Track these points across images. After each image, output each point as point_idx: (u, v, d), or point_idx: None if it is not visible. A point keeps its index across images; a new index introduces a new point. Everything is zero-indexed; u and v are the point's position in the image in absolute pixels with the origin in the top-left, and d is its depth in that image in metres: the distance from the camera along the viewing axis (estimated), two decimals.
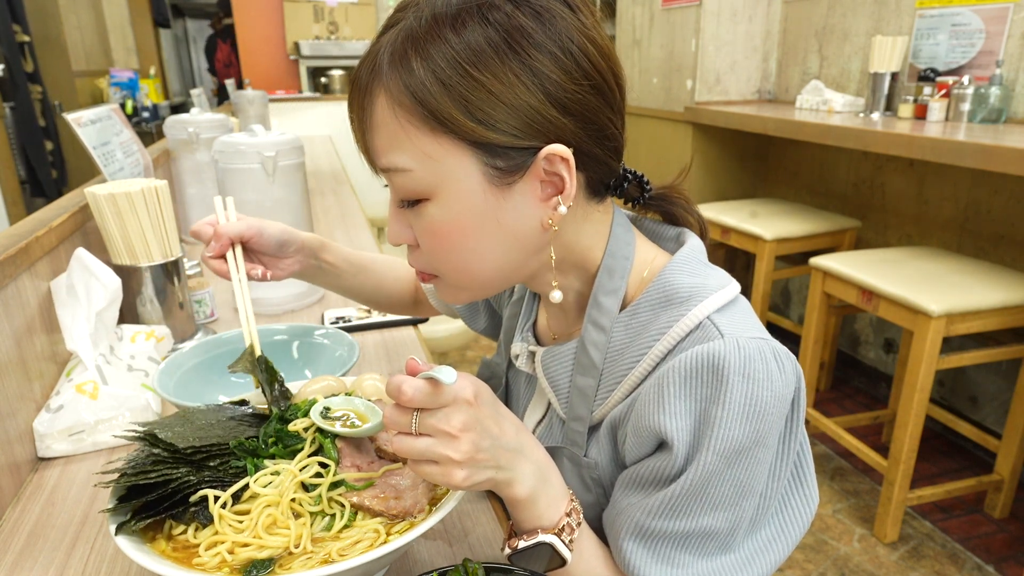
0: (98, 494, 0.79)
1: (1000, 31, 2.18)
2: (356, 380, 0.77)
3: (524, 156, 0.54)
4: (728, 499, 0.56)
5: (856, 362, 2.89)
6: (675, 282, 0.60)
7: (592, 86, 0.55)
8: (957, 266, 2.01)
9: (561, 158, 0.55)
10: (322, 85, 4.97)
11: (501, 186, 0.55)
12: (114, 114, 1.47)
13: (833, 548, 1.99)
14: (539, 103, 0.53)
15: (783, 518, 0.61)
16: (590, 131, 0.56)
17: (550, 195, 0.57)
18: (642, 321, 0.61)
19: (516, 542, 0.58)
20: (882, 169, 2.64)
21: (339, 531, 0.58)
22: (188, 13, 8.42)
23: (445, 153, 0.54)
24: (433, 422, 0.51)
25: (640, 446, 0.59)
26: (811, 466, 0.62)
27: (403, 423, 0.52)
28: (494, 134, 0.53)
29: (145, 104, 4.95)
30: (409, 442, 0.52)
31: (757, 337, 0.56)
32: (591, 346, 0.63)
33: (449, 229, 0.57)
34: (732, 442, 0.54)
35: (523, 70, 0.52)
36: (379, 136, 0.56)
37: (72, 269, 0.98)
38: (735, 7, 2.98)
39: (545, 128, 0.54)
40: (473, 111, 0.52)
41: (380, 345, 1.17)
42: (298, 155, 1.26)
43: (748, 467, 0.55)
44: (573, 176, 0.56)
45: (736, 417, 0.54)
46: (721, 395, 0.54)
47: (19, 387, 0.84)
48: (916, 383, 1.82)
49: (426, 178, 0.55)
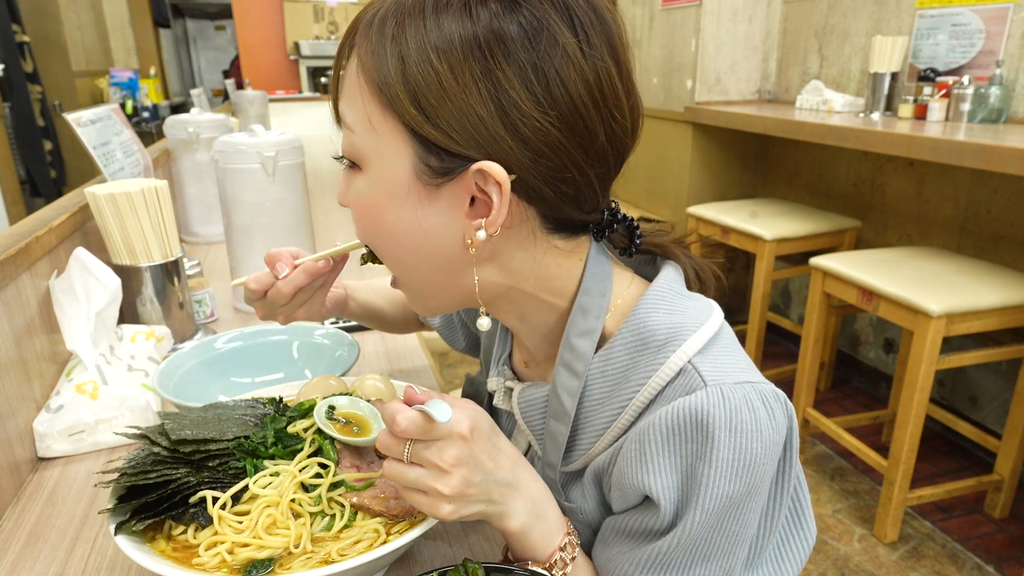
0: (98, 494, 0.79)
1: (1000, 31, 2.18)
2: (356, 380, 0.77)
3: (457, 162, 0.51)
4: (720, 549, 0.54)
5: (856, 362, 2.89)
6: (651, 323, 0.56)
7: (561, 120, 0.50)
8: (957, 266, 2.01)
9: (495, 180, 0.50)
10: (322, 85, 4.97)
11: (428, 185, 0.52)
12: (114, 114, 1.47)
13: (833, 548, 1.99)
14: (488, 116, 0.49)
15: (781, 555, 0.60)
16: (541, 166, 0.51)
17: (474, 215, 0.53)
18: (618, 367, 0.57)
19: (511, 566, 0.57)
20: (882, 169, 2.64)
21: (339, 531, 0.58)
22: (188, 13, 8.41)
23: (387, 129, 0.52)
24: (426, 454, 0.51)
25: (625, 500, 0.57)
26: (807, 501, 0.60)
27: (396, 451, 0.52)
28: (433, 130, 0.50)
29: (145, 104, 4.95)
30: (400, 469, 0.52)
31: (743, 382, 0.53)
32: (563, 392, 0.60)
33: (368, 205, 0.56)
34: (722, 499, 0.52)
35: (484, 77, 0.48)
36: (343, 88, 0.55)
37: (71, 269, 0.98)
38: (735, 7, 2.98)
39: (487, 143, 0.50)
40: (420, 99, 0.49)
41: (380, 345, 1.17)
42: (298, 155, 1.26)
43: (740, 517, 0.53)
44: (505, 203, 0.51)
45: (725, 474, 0.51)
46: (708, 452, 0.51)
47: (19, 387, 0.84)
48: (916, 383, 1.82)
49: (363, 145, 0.54)
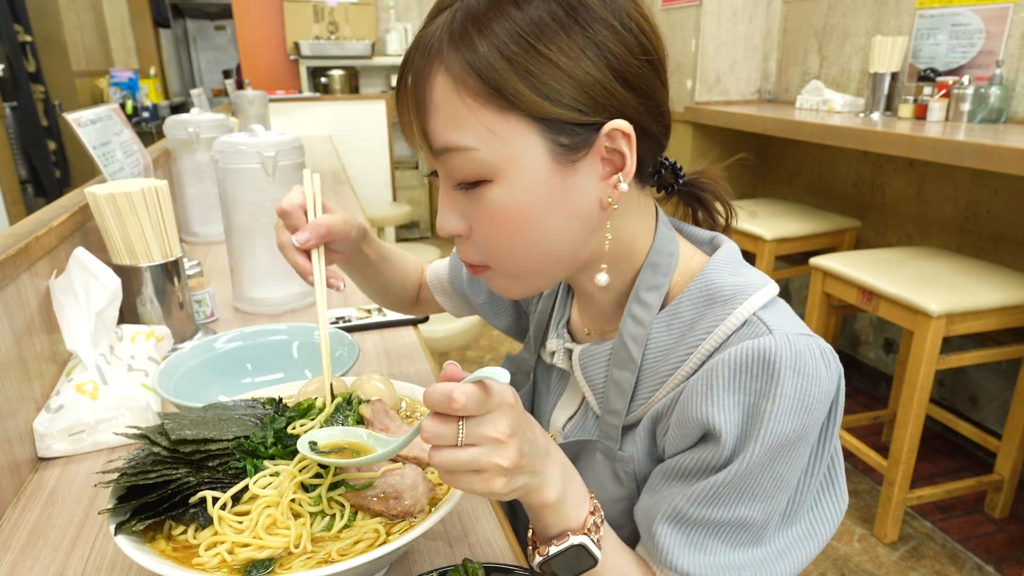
0: (98, 494, 0.79)
1: (1000, 31, 2.18)
2: (356, 380, 0.77)
3: (588, 132, 0.55)
4: (766, 491, 0.56)
5: (856, 362, 2.89)
6: (718, 280, 0.61)
7: (648, 61, 0.56)
8: (957, 266, 2.01)
9: (623, 134, 0.55)
10: (322, 85, 4.96)
11: (566, 164, 0.55)
12: (114, 114, 1.47)
13: (833, 548, 1.99)
14: (603, 77, 0.53)
15: (814, 516, 0.61)
16: (649, 107, 0.57)
17: (609, 173, 0.57)
18: (685, 320, 0.61)
19: (546, 548, 0.56)
20: (882, 169, 2.64)
21: (339, 531, 0.58)
22: (188, 13, 8.41)
23: (511, 130, 0.53)
24: (481, 431, 0.48)
25: (684, 438, 0.59)
26: (842, 468, 0.63)
27: (448, 434, 0.48)
28: (560, 109, 0.53)
29: (145, 104, 4.95)
30: (453, 455, 0.48)
31: (804, 334, 0.56)
32: (630, 340, 0.63)
33: (513, 212, 0.56)
34: (780, 436, 0.54)
35: (587, 43, 0.52)
36: (438, 117, 0.54)
37: (71, 269, 0.98)
38: (735, 7, 2.98)
39: (608, 103, 0.54)
40: (539, 86, 0.52)
41: (380, 345, 1.17)
42: (298, 155, 1.26)
43: (789, 461, 0.56)
44: (633, 152, 0.56)
45: (786, 411, 0.54)
46: (772, 390, 0.54)
47: (19, 387, 0.84)
48: (916, 383, 1.82)
49: (490, 158, 0.54)
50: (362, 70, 5.07)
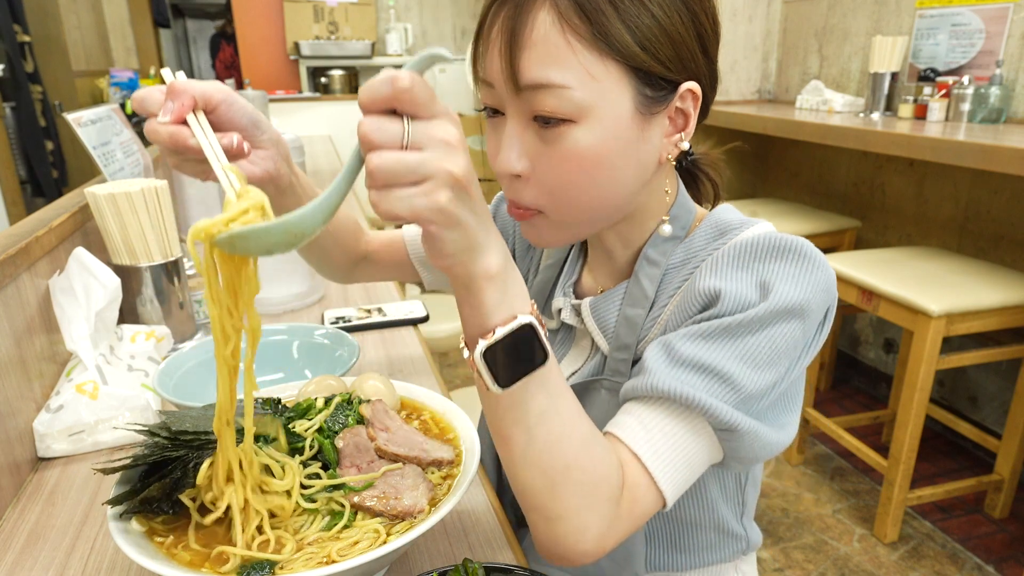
0: (98, 494, 0.79)
1: (1000, 31, 2.18)
2: (356, 380, 0.77)
3: (669, 89, 0.58)
4: (758, 354, 0.56)
5: (856, 362, 2.89)
6: (727, 217, 0.67)
7: (716, 34, 0.61)
8: (957, 266, 2.01)
9: (694, 95, 0.59)
10: (322, 85, 4.97)
11: (645, 115, 0.58)
12: (114, 114, 1.47)
13: (833, 548, 1.99)
14: (689, 38, 0.57)
15: (775, 420, 0.61)
16: (712, 77, 0.62)
17: (672, 132, 0.61)
18: (696, 247, 0.67)
19: (490, 334, 0.49)
20: (882, 169, 2.64)
21: (339, 531, 0.58)
22: (188, 13, 8.41)
23: (607, 75, 0.55)
24: (430, 130, 0.42)
25: (686, 312, 0.61)
26: (800, 399, 0.64)
27: (392, 131, 0.41)
28: (654, 62, 0.56)
29: None
30: (398, 156, 0.41)
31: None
32: (645, 278, 0.67)
33: (591, 155, 0.57)
34: (785, 302, 0.56)
35: (681, 5, 0.56)
36: (535, 52, 0.54)
37: (71, 269, 0.98)
38: (735, 7, 2.98)
39: (688, 64, 0.58)
40: (640, 38, 0.55)
41: (380, 345, 1.17)
42: (298, 155, 1.26)
43: (786, 332, 0.57)
44: (696, 114, 0.61)
45: (793, 281, 0.57)
46: (779, 266, 0.58)
47: (19, 387, 0.84)
48: (916, 383, 1.82)
49: (581, 98, 0.55)
50: (362, 70, 5.07)
